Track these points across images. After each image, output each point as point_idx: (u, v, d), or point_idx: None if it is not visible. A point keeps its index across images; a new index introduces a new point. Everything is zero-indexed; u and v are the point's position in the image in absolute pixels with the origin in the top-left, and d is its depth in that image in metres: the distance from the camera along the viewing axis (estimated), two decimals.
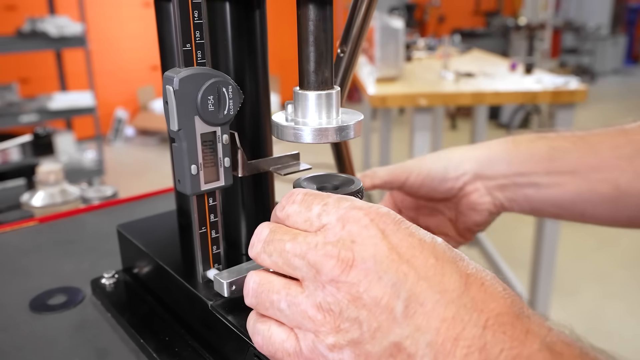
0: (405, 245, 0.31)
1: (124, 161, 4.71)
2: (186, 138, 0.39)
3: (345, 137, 0.38)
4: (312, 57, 0.38)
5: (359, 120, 0.39)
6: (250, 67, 0.46)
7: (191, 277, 0.46)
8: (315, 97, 0.38)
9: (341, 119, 0.39)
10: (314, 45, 0.37)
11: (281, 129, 0.39)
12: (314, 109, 0.39)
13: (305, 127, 0.38)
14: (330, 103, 0.39)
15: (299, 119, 0.39)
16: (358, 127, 0.39)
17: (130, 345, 0.49)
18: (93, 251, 0.68)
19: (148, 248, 0.52)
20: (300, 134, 0.38)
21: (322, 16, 0.37)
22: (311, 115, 0.39)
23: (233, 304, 0.42)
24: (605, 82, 8.52)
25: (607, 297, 2.55)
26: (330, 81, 0.39)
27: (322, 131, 0.38)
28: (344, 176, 0.42)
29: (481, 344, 0.27)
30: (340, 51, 0.49)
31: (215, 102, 0.39)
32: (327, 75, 0.38)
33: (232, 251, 0.50)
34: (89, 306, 0.56)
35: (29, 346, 0.49)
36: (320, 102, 0.38)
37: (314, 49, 0.37)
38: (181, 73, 0.38)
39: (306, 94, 0.39)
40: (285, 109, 0.40)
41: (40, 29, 3.39)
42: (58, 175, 0.96)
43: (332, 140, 0.38)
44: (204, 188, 0.41)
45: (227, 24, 0.44)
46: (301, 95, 0.39)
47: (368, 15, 0.46)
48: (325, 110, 0.39)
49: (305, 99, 0.39)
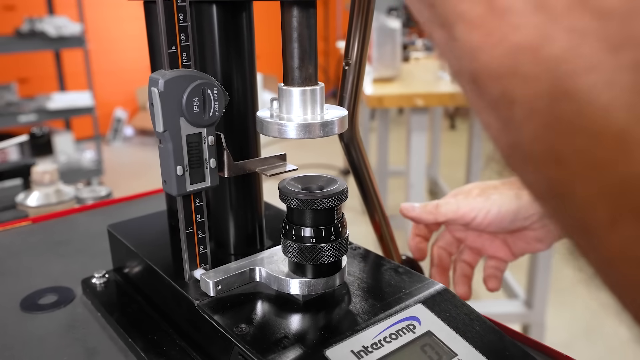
0: None
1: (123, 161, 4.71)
2: (172, 139, 0.40)
3: (329, 132, 0.39)
4: (295, 53, 0.38)
5: (343, 116, 0.40)
6: (237, 69, 0.46)
7: (179, 277, 0.46)
8: (300, 92, 0.39)
9: (325, 114, 0.40)
10: (298, 41, 0.38)
11: (266, 125, 0.39)
12: (299, 105, 0.39)
13: (290, 123, 0.38)
14: (314, 99, 0.39)
15: (283, 114, 0.40)
16: (342, 123, 0.40)
17: (119, 345, 0.49)
18: (84, 251, 0.69)
19: (137, 248, 0.52)
20: (284, 129, 0.38)
21: (306, 13, 0.37)
22: (295, 111, 0.39)
23: (219, 303, 0.43)
24: None
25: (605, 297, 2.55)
26: (315, 77, 0.39)
27: (307, 127, 0.38)
28: (328, 176, 0.43)
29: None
30: (345, 64, 0.48)
31: (200, 103, 0.40)
32: (311, 72, 0.39)
33: (220, 251, 0.51)
34: (79, 306, 0.56)
35: (18, 345, 0.49)
36: (305, 97, 0.39)
37: (298, 45, 0.38)
38: (166, 75, 0.38)
39: (290, 90, 0.39)
40: (271, 105, 0.41)
41: (39, 29, 3.39)
42: (53, 176, 0.96)
43: (317, 136, 0.39)
44: (189, 189, 0.42)
45: (213, 26, 0.44)
46: (285, 91, 0.39)
47: (368, 22, 0.46)
48: (309, 106, 0.39)
49: (290, 94, 0.39)
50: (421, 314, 0.42)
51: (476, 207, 0.59)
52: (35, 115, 3.33)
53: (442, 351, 0.39)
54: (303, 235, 0.41)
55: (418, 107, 1.88)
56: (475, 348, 0.39)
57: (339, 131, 0.40)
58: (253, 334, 0.39)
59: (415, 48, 3.16)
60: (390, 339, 0.39)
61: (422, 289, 0.44)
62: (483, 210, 0.59)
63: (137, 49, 5.22)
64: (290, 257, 0.42)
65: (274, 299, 0.43)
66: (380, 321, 0.40)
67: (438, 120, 3.57)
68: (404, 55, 2.58)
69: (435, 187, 3.56)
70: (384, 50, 2.07)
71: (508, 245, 0.63)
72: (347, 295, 0.44)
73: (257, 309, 0.42)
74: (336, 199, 0.41)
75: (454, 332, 0.41)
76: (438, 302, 0.43)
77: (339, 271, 0.44)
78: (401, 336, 0.40)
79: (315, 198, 0.40)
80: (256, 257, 0.46)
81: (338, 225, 0.42)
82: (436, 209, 0.60)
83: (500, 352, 0.40)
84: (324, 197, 0.40)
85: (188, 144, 0.41)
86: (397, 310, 0.42)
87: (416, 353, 0.39)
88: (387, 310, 0.42)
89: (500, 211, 0.59)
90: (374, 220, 0.56)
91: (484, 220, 0.59)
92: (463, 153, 3.28)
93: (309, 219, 0.41)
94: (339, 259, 0.43)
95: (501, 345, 0.41)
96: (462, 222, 0.60)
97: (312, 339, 0.39)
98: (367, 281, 0.46)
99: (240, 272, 0.44)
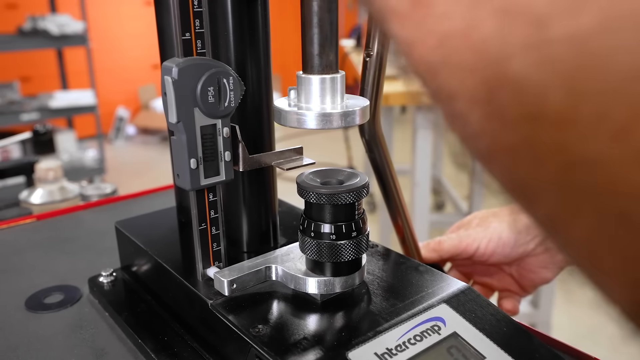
0: None
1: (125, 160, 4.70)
2: (185, 131, 0.38)
3: (350, 122, 0.37)
4: (315, 39, 0.36)
5: (365, 105, 0.38)
6: (252, 59, 0.44)
7: (190, 275, 0.45)
8: (319, 81, 0.37)
9: (346, 104, 0.38)
10: (318, 27, 0.35)
11: (284, 115, 0.38)
12: (318, 94, 0.37)
13: (309, 112, 0.36)
14: (334, 87, 0.37)
15: (302, 104, 0.38)
16: (364, 113, 0.38)
17: (128, 345, 0.48)
18: (91, 249, 0.67)
19: (147, 245, 0.50)
20: (303, 119, 0.37)
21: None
22: (315, 100, 0.37)
23: (234, 303, 0.41)
24: None
25: None
26: (335, 65, 0.37)
27: (326, 116, 0.36)
28: (349, 170, 0.41)
29: None
30: (366, 55, 0.46)
31: (215, 93, 0.38)
32: (332, 59, 0.37)
33: (233, 249, 0.49)
34: (86, 305, 0.54)
35: (24, 346, 0.48)
36: (325, 86, 0.37)
37: (318, 30, 0.35)
38: (180, 63, 0.36)
39: (310, 78, 0.37)
40: (288, 95, 0.39)
41: (41, 27, 3.38)
42: (57, 173, 0.95)
43: (337, 127, 0.37)
44: (203, 183, 0.40)
45: (228, 13, 0.43)
46: (304, 80, 0.37)
47: None
48: (329, 95, 0.37)
49: (309, 83, 0.37)
50: (446, 314, 0.40)
51: (477, 237, 0.59)
52: (37, 113, 3.32)
53: (470, 353, 0.37)
54: (322, 232, 0.39)
55: (423, 105, 1.87)
56: (504, 350, 0.38)
57: (360, 122, 0.38)
58: (270, 334, 0.37)
59: None
60: (415, 341, 0.37)
61: (446, 288, 0.42)
62: (484, 239, 0.59)
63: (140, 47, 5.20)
64: (309, 255, 0.40)
65: (291, 299, 0.42)
66: (404, 322, 0.39)
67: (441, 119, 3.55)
68: None
69: (439, 186, 3.54)
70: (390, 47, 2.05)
71: (515, 279, 0.63)
72: (367, 295, 0.42)
73: (273, 309, 0.40)
74: (357, 193, 0.39)
75: (481, 333, 0.39)
76: (463, 301, 0.41)
77: (359, 270, 0.42)
78: (426, 338, 0.38)
79: (336, 192, 0.38)
80: (271, 255, 0.44)
81: (359, 221, 0.40)
82: (439, 245, 0.60)
83: (530, 354, 0.38)
84: (345, 191, 0.38)
85: (202, 135, 0.39)
86: (420, 310, 0.40)
87: (442, 355, 0.37)
88: (410, 311, 0.40)
89: (501, 238, 0.59)
90: (396, 223, 0.54)
91: (487, 250, 0.59)
92: None
93: (329, 214, 0.39)
94: (359, 257, 0.41)
95: (530, 347, 0.39)
96: (466, 255, 0.60)
97: (333, 340, 0.37)
98: (388, 280, 0.44)
99: (255, 270, 0.42)
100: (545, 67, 0.15)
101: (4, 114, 3.25)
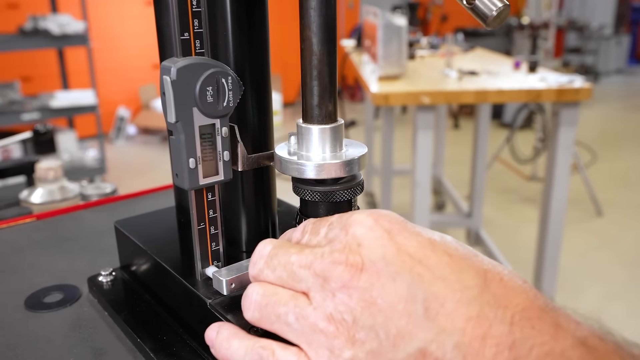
0: (415, 245, 0.30)
1: (125, 160, 4.70)
2: (184, 130, 0.38)
3: (350, 171, 0.38)
4: (315, 91, 0.37)
5: (364, 153, 0.39)
6: (250, 59, 0.45)
7: (189, 274, 0.45)
8: (319, 131, 0.38)
9: (345, 153, 0.39)
10: (318, 79, 0.37)
11: (284, 164, 0.39)
12: (318, 143, 0.38)
13: (309, 163, 0.38)
14: (334, 137, 0.39)
15: (302, 152, 0.39)
16: (363, 161, 0.39)
17: (127, 345, 0.48)
18: (90, 248, 0.67)
19: (146, 245, 0.51)
20: (303, 169, 0.38)
21: (326, 50, 0.36)
22: (315, 149, 0.39)
23: (232, 302, 0.41)
24: (608, 81, 8.49)
25: (610, 297, 2.53)
26: (334, 114, 0.38)
27: (326, 167, 0.37)
28: None
29: (510, 342, 0.26)
30: None
31: (214, 93, 0.38)
32: (331, 109, 0.38)
33: (231, 248, 0.49)
34: (85, 304, 0.54)
35: (23, 345, 0.48)
36: (324, 136, 0.38)
37: (318, 83, 0.37)
38: (179, 63, 0.36)
39: (310, 128, 0.38)
40: (288, 141, 0.40)
41: (42, 27, 3.38)
42: (57, 172, 0.95)
43: (337, 175, 0.38)
44: (202, 182, 0.40)
45: (226, 13, 0.43)
46: (305, 129, 0.39)
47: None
48: (329, 144, 0.38)
49: (309, 132, 0.38)
50: None
51: None
52: (38, 113, 3.32)
53: None
54: None
55: (424, 105, 1.87)
56: None
57: (359, 170, 0.39)
58: (268, 334, 0.37)
59: (420, 46, 3.14)
60: None
61: None
62: None
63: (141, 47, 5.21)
64: None
65: None
66: None
67: (442, 119, 3.55)
68: (410, 53, 2.56)
69: (439, 186, 3.54)
70: (390, 48, 2.05)
71: None
72: None
73: None
74: (352, 191, 0.39)
75: None
76: None
77: None
78: None
79: (331, 190, 0.38)
80: None
81: None
82: None
83: None
84: (340, 189, 0.38)
85: (201, 135, 0.39)
86: None
87: None
88: None
89: None
90: None
91: None
92: (467, 152, 3.26)
93: (325, 212, 0.39)
94: None
95: None
96: None
97: None
98: None
99: None
100: None
101: (5, 113, 3.26)
